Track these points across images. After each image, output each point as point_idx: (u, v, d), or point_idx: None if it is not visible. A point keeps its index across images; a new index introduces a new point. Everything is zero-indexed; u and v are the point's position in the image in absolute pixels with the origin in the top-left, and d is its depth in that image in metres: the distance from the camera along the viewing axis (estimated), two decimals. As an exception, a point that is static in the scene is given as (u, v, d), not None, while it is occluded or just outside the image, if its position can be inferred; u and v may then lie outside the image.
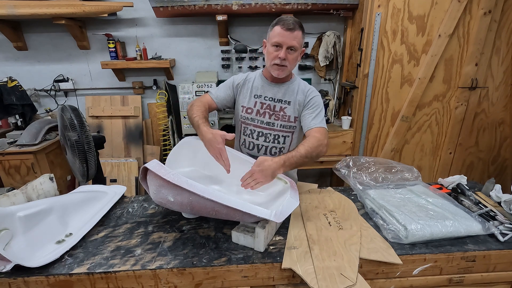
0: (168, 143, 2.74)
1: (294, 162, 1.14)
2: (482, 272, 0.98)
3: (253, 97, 1.39)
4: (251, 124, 1.40)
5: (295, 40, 1.22)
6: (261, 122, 1.38)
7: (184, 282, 0.88)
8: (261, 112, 1.38)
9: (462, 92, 2.35)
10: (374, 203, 1.17)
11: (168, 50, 2.68)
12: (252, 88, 1.40)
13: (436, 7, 2.12)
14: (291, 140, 1.41)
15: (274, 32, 1.23)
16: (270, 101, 1.38)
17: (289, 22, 1.20)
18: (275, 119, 1.37)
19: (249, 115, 1.39)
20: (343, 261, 0.87)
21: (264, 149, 1.40)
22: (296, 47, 1.23)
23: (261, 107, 1.38)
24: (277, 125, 1.37)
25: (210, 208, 0.89)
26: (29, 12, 2.18)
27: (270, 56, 1.27)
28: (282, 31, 1.21)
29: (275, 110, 1.37)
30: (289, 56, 1.25)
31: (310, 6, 2.32)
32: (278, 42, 1.23)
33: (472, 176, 2.66)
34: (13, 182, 2.16)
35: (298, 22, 1.23)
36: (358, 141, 2.48)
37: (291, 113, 1.37)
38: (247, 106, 1.39)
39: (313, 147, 1.18)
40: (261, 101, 1.38)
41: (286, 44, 1.22)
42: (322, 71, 2.67)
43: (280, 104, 1.37)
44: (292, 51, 1.24)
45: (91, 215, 1.10)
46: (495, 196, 1.22)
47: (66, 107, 1.42)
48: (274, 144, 1.40)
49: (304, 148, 1.17)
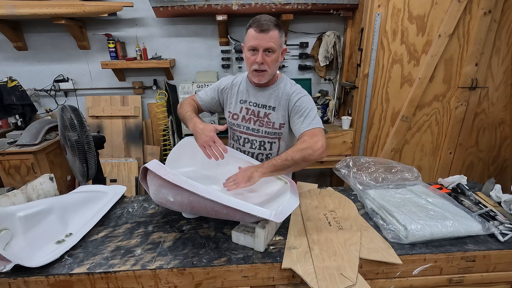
0: (168, 143, 2.74)
1: (272, 164, 1.11)
2: (482, 272, 0.98)
3: (239, 103, 1.35)
4: (237, 130, 1.37)
5: (271, 41, 1.13)
6: (246, 128, 1.34)
7: (184, 282, 0.88)
8: (247, 118, 1.33)
9: (462, 92, 2.35)
10: (374, 203, 1.17)
11: (168, 50, 2.68)
12: (238, 93, 1.35)
13: (436, 7, 2.12)
14: (278, 146, 1.35)
15: (248, 35, 1.16)
16: (254, 106, 1.32)
17: (262, 22, 1.12)
18: (259, 126, 1.32)
19: (235, 121, 1.36)
20: (343, 261, 0.87)
21: (251, 155, 1.36)
22: (273, 48, 1.15)
23: (246, 112, 1.33)
24: (262, 132, 1.32)
25: (210, 208, 0.89)
26: (29, 12, 2.18)
27: (249, 62, 1.20)
28: (256, 33, 1.13)
29: (259, 116, 1.31)
30: (267, 59, 1.17)
31: (310, 6, 2.32)
32: (253, 46, 1.15)
33: (472, 176, 2.66)
34: (13, 182, 2.16)
35: (274, 21, 1.14)
36: (358, 141, 2.48)
37: (276, 120, 1.30)
38: (233, 112, 1.36)
39: (295, 150, 1.11)
40: (246, 106, 1.33)
41: (261, 46, 1.14)
42: (322, 71, 2.67)
43: (264, 109, 1.30)
44: (270, 53, 1.16)
45: (91, 215, 1.10)
46: (495, 196, 1.22)
47: (66, 107, 1.42)
48: (260, 150, 1.36)
49: (285, 153, 1.13)
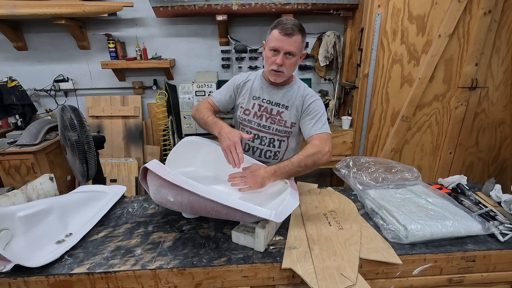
0: (168, 143, 2.74)
1: (286, 171, 1.14)
2: (482, 272, 0.98)
3: (252, 99, 1.37)
4: (247, 126, 1.38)
5: (294, 45, 1.17)
6: (257, 124, 1.36)
7: (184, 282, 0.88)
8: (258, 115, 1.36)
9: (462, 92, 2.35)
10: (374, 203, 1.17)
11: (168, 50, 2.68)
12: (252, 89, 1.38)
13: (436, 7, 2.12)
14: (287, 144, 1.38)
15: (272, 36, 1.19)
16: (268, 104, 1.35)
17: (287, 26, 1.15)
18: (271, 123, 1.35)
19: (246, 117, 1.38)
20: (343, 261, 0.87)
21: (259, 152, 1.39)
22: (294, 52, 1.18)
23: (258, 109, 1.36)
24: (273, 129, 1.35)
25: (210, 208, 0.89)
26: (29, 12, 2.18)
27: (268, 61, 1.24)
28: (280, 35, 1.16)
29: (272, 113, 1.34)
30: (287, 62, 1.20)
31: (310, 6, 2.32)
32: (275, 47, 1.18)
33: (472, 176, 2.66)
34: (13, 182, 2.16)
35: (298, 26, 1.17)
36: (358, 141, 2.48)
37: (288, 118, 1.33)
38: (245, 107, 1.38)
39: (307, 155, 1.15)
40: (259, 103, 1.36)
41: (283, 49, 1.17)
42: (322, 71, 2.67)
43: (278, 108, 1.34)
44: (290, 56, 1.20)
45: (91, 215, 1.10)
46: (495, 196, 1.22)
47: (66, 107, 1.42)
48: (269, 147, 1.38)
49: (297, 157, 1.15)
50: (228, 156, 1.17)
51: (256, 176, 1.13)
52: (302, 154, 1.16)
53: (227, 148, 1.16)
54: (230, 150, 1.16)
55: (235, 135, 1.16)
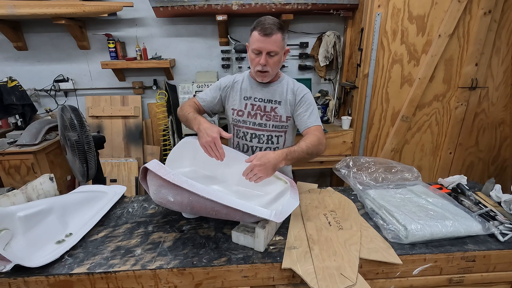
0: (168, 143, 2.74)
1: (296, 156, 1.15)
2: (482, 272, 0.98)
3: (243, 99, 1.38)
4: (243, 127, 1.39)
5: (274, 45, 1.19)
6: (253, 123, 1.37)
7: (184, 282, 0.88)
8: (252, 114, 1.36)
9: (462, 92, 2.35)
10: (374, 203, 1.17)
11: (168, 50, 2.68)
12: (241, 90, 1.38)
13: (436, 7, 2.12)
14: (284, 139, 1.41)
15: (253, 37, 1.21)
16: (260, 102, 1.36)
17: (266, 26, 1.16)
18: (266, 120, 1.36)
19: (240, 117, 1.38)
20: (343, 261, 0.87)
21: (258, 150, 1.39)
22: (276, 51, 1.20)
23: (251, 108, 1.36)
24: (269, 126, 1.36)
25: (210, 208, 0.89)
26: (29, 12, 2.18)
27: (253, 63, 1.26)
28: (259, 36, 1.18)
29: (266, 110, 1.36)
30: (270, 61, 1.22)
31: (310, 6, 2.32)
32: (257, 49, 1.21)
33: (472, 176, 2.66)
34: (13, 182, 2.16)
35: (277, 24, 1.18)
36: (358, 141, 2.48)
37: (283, 113, 1.35)
38: (238, 109, 1.38)
39: (314, 144, 1.20)
40: (252, 102, 1.37)
41: (265, 50, 1.19)
42: (322, 71, 2.67)
43: (271, 104, 1.35)
44: (273, 56, 1.22)
45: (91, 215, 1.10)
46: (495, 196, 1.22)
47: (66, 107, 1.42)
48: (268, 144, 1.39)
49: (305, 144, 1.18)
50: (208, 152, 1.18)
51: (265, 163, 1.08)
52: (310, 142, 1.19)
53: (206, 145, 1.17)
54: (210, 146, 1.16)
55: (213, 130, 1.16)
